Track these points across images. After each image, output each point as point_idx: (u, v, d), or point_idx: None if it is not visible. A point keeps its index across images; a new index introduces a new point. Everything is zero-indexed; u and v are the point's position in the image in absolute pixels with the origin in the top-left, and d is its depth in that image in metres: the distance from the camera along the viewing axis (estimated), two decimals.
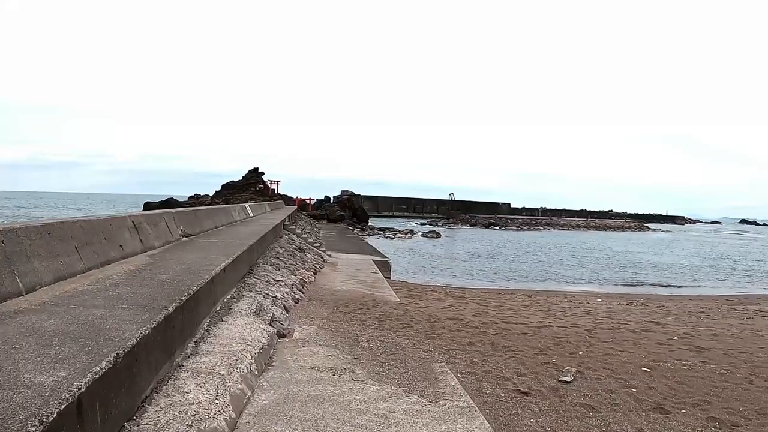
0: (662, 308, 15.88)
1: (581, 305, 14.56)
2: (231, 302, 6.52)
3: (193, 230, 11.08)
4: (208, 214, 13.36)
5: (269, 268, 10.00)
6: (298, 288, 9.57)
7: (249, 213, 21.29)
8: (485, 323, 8.13)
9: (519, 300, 13.90)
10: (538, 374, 5.63)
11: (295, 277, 10.35)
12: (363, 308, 8.28)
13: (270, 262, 10.73)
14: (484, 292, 16.54)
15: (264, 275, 9.05)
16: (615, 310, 13.67)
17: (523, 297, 16.32)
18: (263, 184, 68.77)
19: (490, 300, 12.63)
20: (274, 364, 5.01)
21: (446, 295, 13.01)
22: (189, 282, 5.35)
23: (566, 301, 15.76)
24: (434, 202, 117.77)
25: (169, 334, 4.15)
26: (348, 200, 66.70)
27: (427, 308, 9.13)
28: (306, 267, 12.67)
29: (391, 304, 8.92)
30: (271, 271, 9.70)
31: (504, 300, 13.37)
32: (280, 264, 11.11)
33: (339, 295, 9.65)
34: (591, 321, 10.45)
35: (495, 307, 10.97)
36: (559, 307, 13.02)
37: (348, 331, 6.51)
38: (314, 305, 8.38)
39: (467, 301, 11.55)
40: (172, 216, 10.16)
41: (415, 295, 11.41)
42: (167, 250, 8.21)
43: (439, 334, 6.79)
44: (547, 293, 19.30)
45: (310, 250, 17.87)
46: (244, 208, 20.59)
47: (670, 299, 20.12)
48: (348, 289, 10.63)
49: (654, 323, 11.43)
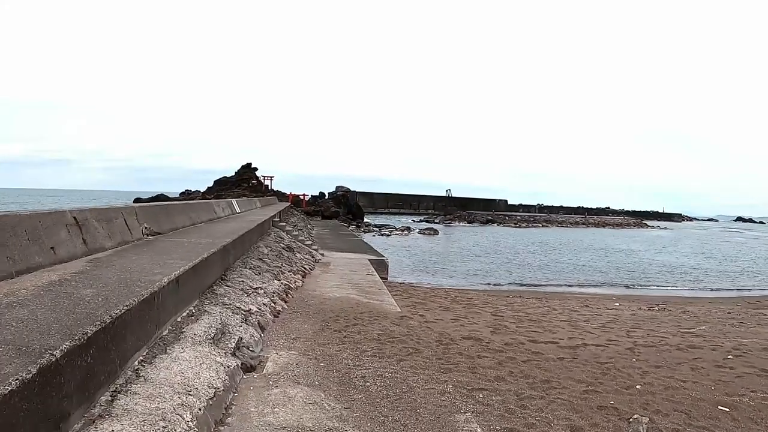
0: (688, 314, 14.46)
1: (601, 311, 13.13)
2: (186, 322, 5.03)
3: (162, 228, 9.56)
4: (184, 210, 11.84)
5: (248, 272, 8.50)
6: (281, 296, 8.08)
7: (236, 209, 19.76)
8: (509, 344, 6.66)
9: (533, 306, 12.46)
10: (599, 427, 4.11)
11: (278, 283, 8.85)
12: (358, 324, 6.82)
13: (250, 265, 9.23)
14: (492, 296, 15.09)
15: (239, 282, 7.55)
16: (641, 318, 12.25)
17: (535, 301, 14.87)
18: (257, 179, 67.03)
19: (502, 307, 11.19)
20: (229, 422, 3.52)
21: (453, 301, 11.56)
22: (117, 300, 3.87)
23: (582, 305, 14.32)
24: (431, 199, 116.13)
25: (51, 392, 2.64)
26: (343, 196, 65.10)
27: (435, 322, 7.67)
28: (293, 269, 11.18)
29: (392, 317, 7.47)
30: (249, 276, 8.21)
31: (517, 306, 11.93)
32: (263, 267, 9.61)
33: (330, 305, 8.17)
34: (624, 334, 9.02)
35: (511, 317, 9.53)
36: (579, 314, 11.59)
37: (338, 360, 5.04)
38: (298, 319, 6.90)
39: (478, 310, 10.11)
40: (133, 211, 8.64)
41: (418, 303, 9.96)
42: (118, 253, 6.71)
43: (456, 363, 5.33)
44: (558, 296, 17.87)
45: (301, 249, 16.37)
46: (230, 203, 19.06)
47: (689, 302, 18.72)
48: (341, 297, 9.15)
49: (692, 335, 10.01)
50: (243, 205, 22.27)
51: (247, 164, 68.80)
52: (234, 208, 19.47)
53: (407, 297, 11.17)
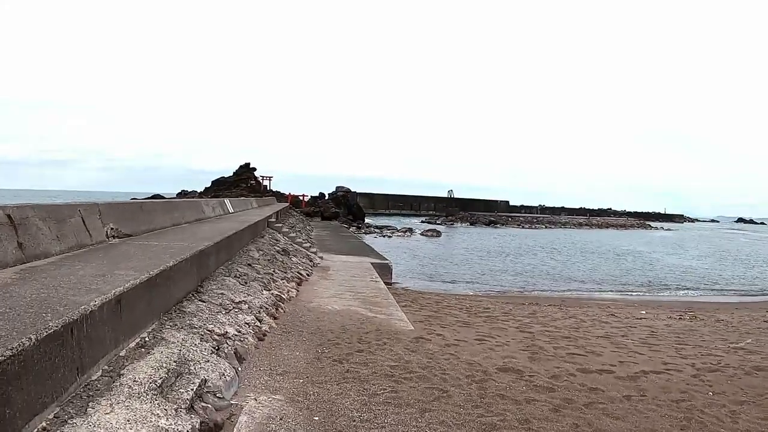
0: (723, 323, 13.11)
1: (632, 321, 11.79)
2: (130, 358, 3.68)
3: (135, 229, 8.21)
4: (165, 209, 10.49)
5: (231, 282, 7.14)
6: (270, 312, 6.72)
7: (228, 209, 18.41)
8: (557, 377, 5.28)
9: (557, 317, 11.11)
10: None
11: (267, 294, 7.49)
12: (363, 350, 5.47)
13: (236, 273, 7.87)
14: (508, 304, 13.75)
15: (219, 295, 6.19)
16: (678, 330, 10.90)
17: (555, 310, 13.52)
18: (255, 179, 65.75)
19: (526, 320, 9.84)
20: None
21: (469, 313, 10.20)
22: (4, 337, 2.53)
23: (608, 314, 12.98)
24: (432, 200, 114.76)
25: None
26: (343, 197, 63.66)
27: (458, 345, 6.28)
28: (287, 276, 9.82)
29: (405, 339, 6.13)
30: (232, 287, 6.85)
31: (541, 317, 10.58)
32: (251, 274, 8.25)
33: (328, 321, 6.82)
34: (675, 353, 7.67)
35: (542, 333, 8.18)
36: (612, 327, 10.23)
37: (338, 410, 3.71)
38: (289, 344, 5.55)
39: (502, 325, 8.75)
40: (95, 209, 7.28)
41: (432, 317, 8.60)
42: (64, 260, 5.35)
43: (501, 413, 3.88)
44: (576, 302, 16.53)
45: (298, 252, 15.03)
46: (221, 203, 17.71)
47: (716, 309, 17.38)
48: (341, 309, 7.79)
49: (744, 351, 8.67)
50: (237, 204, 20.92)
51: (246, 164, 67.44)
52: (226, 207, 18.12)
53: (417, 308, 9.82)
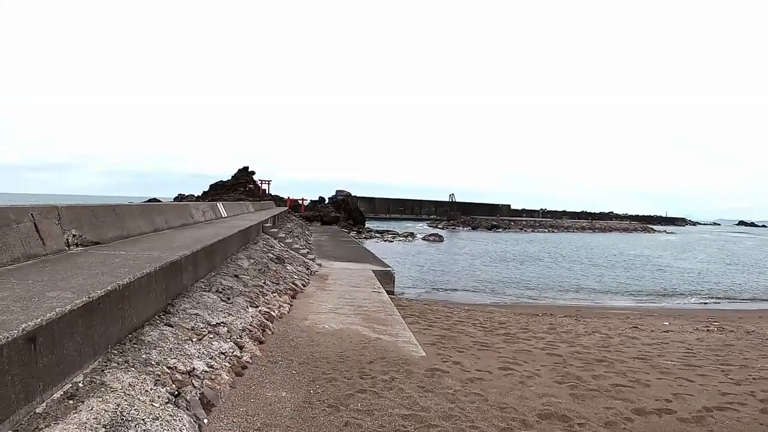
0: (754, 335, 12.06)
1: (659, 335, 10.75)
2: (48, 418, 2.64)
3: (103, 235, 7.18)
4: (145, 213, 9.45)
5: (211, 298, 6.10)
6: (255, 335, 5.67)
7: (221, 213, 17.38)
8: (611, 424, 4.18)
9: (580, 331, 10.05)
10: None
11: (253, 312, 6.45)
12: (366, 389, 4.43)
13: (219, 286, 6.83)
14: (522, 315, 12.71)
15: (192, 316, 5.16)
16: (713, 345, 9.86)
17: (573, 322, 12.48)
18: (254, 183, 64.84)
19: (549, 337, 8.78)
20: None
21: (485, 330, 9.12)
22: None
23: (632, 327, 11.93)
24: (432, 204, 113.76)
25: None
26: (344, 201, 62.61)
27: (482, 379, 5.13)
28: (280, 288, 8.77)
29: (417, 371, 5.09)
30: (211, 305, 5.81)
31: (563, 333, 9.52)
32: (236, 288, 7.21)
33: (324, 346, 5.78)
34: (724, 377, 6.63)
35: (571, 355, 7.12)
36: (643, 343, 9.18)
37: None
38: (274, 379, 4.51)
39: (524, 344, 7.67)
40: (54, 213, 6.25)
41: (444, 337, 7.50)
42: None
43: None
44: (593, 312, 15.48)
45: (294, 259, 13.98)
46: (213, 206, 16.67)
47: (740, 317, 16.36)
48: (340, 329, 6.74)
49: None
50: (231, 208, 19.88)
51: (244, 168, 66.47)
52: (219, 211, 17.10)
53: (426, 325, 8.74)
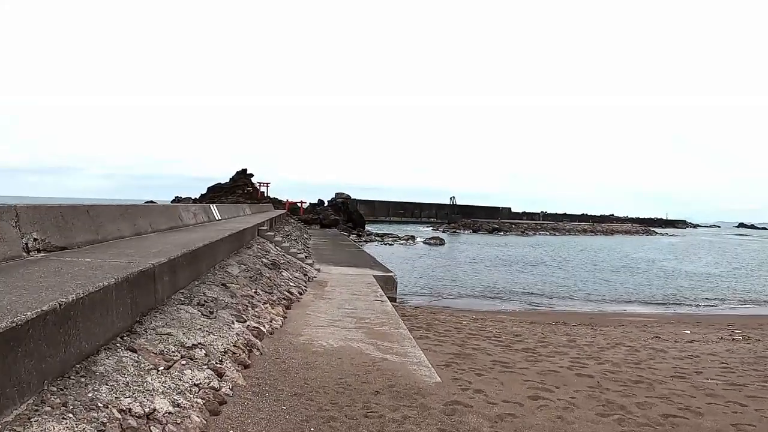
0: None
1: (684, 346, 9.91)
2: None
3: (72, 240, 6.33)
4: (125, 215, 8.58)
5: (189, 313, 5.25)
6: (239, 358, 4.82)
7: (215, 216, 16.54)
8: None
9: (604, 344, 9.21)
10: None
11: (240, 328, 5.59)
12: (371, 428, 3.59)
13: (201, 298, 5.98)
14: (536, 324, 11.88)
15: (163, 336, 4.31)
16: (746, 357, 9.02)
17: (589, 330, 11.66)
18: (252, 186, 64.02)
19: (572, 352, 7.92)
20: None
21: (501, 344, 8.23)
22: None
23: (653, 337, 11.10)
24: (433, 207, 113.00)
25: None
26: (343, 204, 61.74)
27: (514, 415, 4.32)
28: (273, 298, 7.92)
29: (434, 404, 4.22)
30: (187, 322, 4.97)
31: (584, 345, 8.68)
32: (222, 299, 6.36)
33: (321, 371, 4.93)
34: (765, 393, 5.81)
35: (606, 377, 6.27)
36: (672, 356, 8.35)
37: None
38: (258, 419, 3.66)
39: (549, 365, 6.79)
40: (12, 214, 5.40)
41: (459, 356, 6.60)
42: None
43: None
44: (609, 320, 14.63)
45: (291, 264, 13.14)
46: (206, 209, 15.82)
47: (760, 324, 15.55)
48: (340, 348, 5.89)
49: None
50: (225, 211, 19.04)
51: (242, 170, 65.61)
52: (212, 214, 16.25)
53: (437, 340, 7.87)
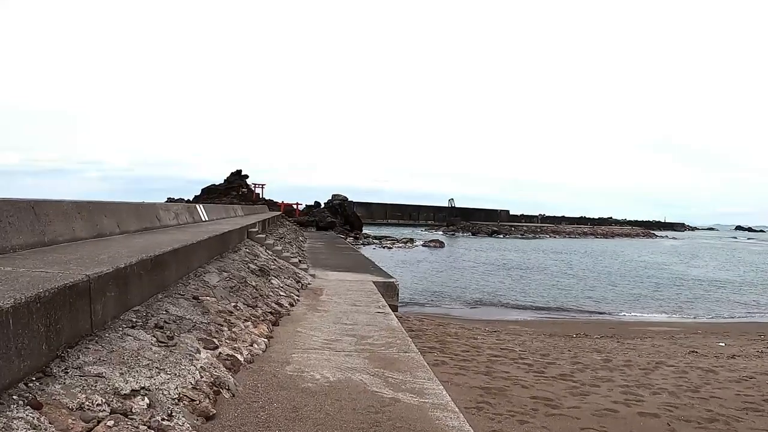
0: None
1: (728, 364, 8.66)
2: None
3: (6, 242, 5.01)
4: (84, 213, 7.22)
5: (139, 340, 3.94)
6: (197, 406, 3.51)
7: (202, 216, 15.21)
8: None
9: (645, 365, 7.97)
10: None
11: (207, 358, 4.27)
12: None
13: (159, 318, 4.66)
14: (553, 337, 10.59)
15: (90, 379, 3.00)
16: None
17: (617, 345, 10.38)
18: (247, 187, 62.85)
19: (618, 377, 6.69)
20: None
21: (530, 368, 6.96)
22: None
23: (690, 351, 9.83)
24: (431, 209, 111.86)
25: None
26: (340, 205, 60.42)
27: None
28: (256, 314, 6.60)
29: None
30: (133, 354, 3.65)
31: (622, 367, 7.43)
32: (190, 318, 5.04)
33: (311, 422, 3.61)
34: None
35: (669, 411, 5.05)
36: (729, 379, 7.12)
37: None
38: None
39: (599, 397, 5.57)
40: None
41: (488, 391, 5.32)
42: None
43: None
44: (627, 329, 13.35)
45: (282, 270, 11.83)
46: (190, 208, 14.49)
47: None
48: (337, 382, 4.57)
49: None
50: (214, 212, 17.71)
51: (237, 171, 64.43)
52: (198, 215, 14.92)
53: (456, 365, 6.57)
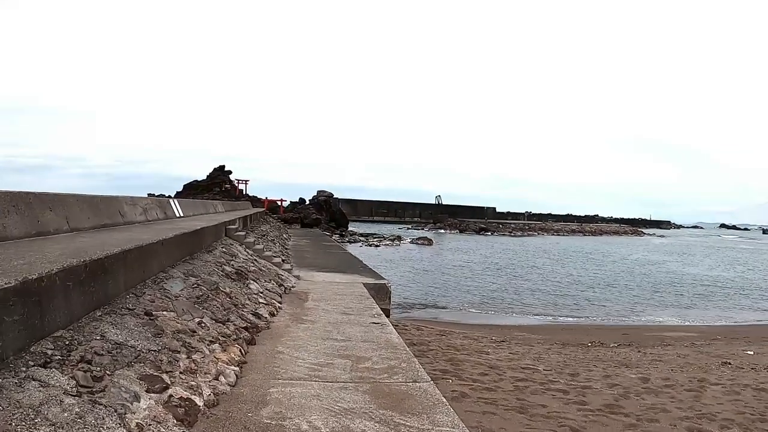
0: None
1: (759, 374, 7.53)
2: None
3: None
4: (21, 206, 5.88)
5: (45, 387, 2.65)
6: None
7: (176, 212, 13.85)
8: None
9: (685, 383, 6.87)
10: None
11: (145, 411, 3.01)
12: None
13: (87, 348, 3.39)
14: (567, 347, 9.45)
15: None
16: None
17: (639, 355, 9.28)
18: (230, 183, 61.40)
19: (673, 410, 5.57)
20: None
21: (569, 400, 5.83)
22: None
23: (721, 363, 8.74)
24: (417, 207, 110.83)
25: None
26: (325, 202, 59.06)
27: None
28: (226, 331, 5.33)
29: None
30: (27, 414, 2.36)
31: (666, 389, 6.33)
32: (130, 346, 3.77)
33: None
34: None
35: None
36: None
37: None
38: None
39: None
40: None
41: None
42: None
43: None
44: (643, 335, 12.29)
45: (263, 272, 10.54)
46: (163, 203, 13.14)
47: None
48: None
49: None
50: (190, 207, 16.33)
51: (220, 167, 62.92)
52: (171, 210, 13.56)
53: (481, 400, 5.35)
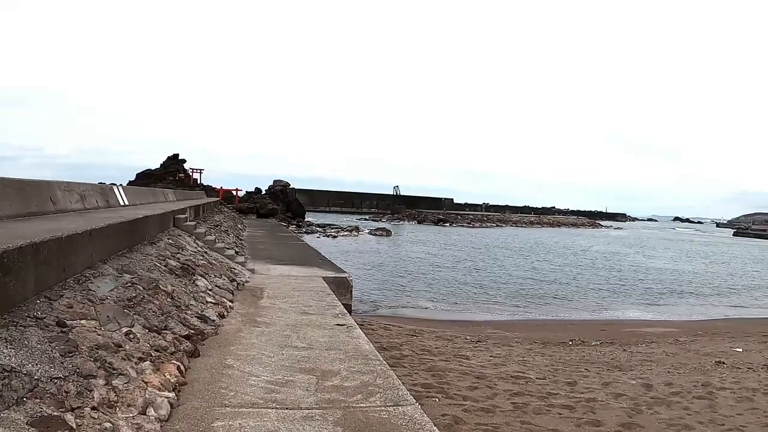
0: None
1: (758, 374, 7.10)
2: None
3: None
4: None
5: None
6: None
7: (118, 200, 12.60)
8: None
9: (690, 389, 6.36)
10: None
11: None
12: None
13: None
14: (547, 346, 8.86)
15: None
16: None
17: (626, 355, 8.80)
18: (184, 172, 59.28)
19: (695, 425, 4.97)
20: None
21: (579, 422, 5.13)
22: None
23: (714, 362, 8.31)
24: (374, 197, 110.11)
25: None
26: (281, 191, 57.59)
27: None
28: (163, 343, 4.41)
29: None
30: None
31: (676, 398, 5.76)
32: (23, 375, 2.83)
33: None
34: None
35: None
36: None
37: None
38: None
39: None
40: None
41: None
42: None
43: None
44: (622, 332, 11.88)
45: (213, 266, 9.56)
46: (104, 190, 11.91)
47: None
48: None
49: None
50: (137, 195, 15.05)
51: (174, 155, 60.71)
52: (114, 198, 12.32)
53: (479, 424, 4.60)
